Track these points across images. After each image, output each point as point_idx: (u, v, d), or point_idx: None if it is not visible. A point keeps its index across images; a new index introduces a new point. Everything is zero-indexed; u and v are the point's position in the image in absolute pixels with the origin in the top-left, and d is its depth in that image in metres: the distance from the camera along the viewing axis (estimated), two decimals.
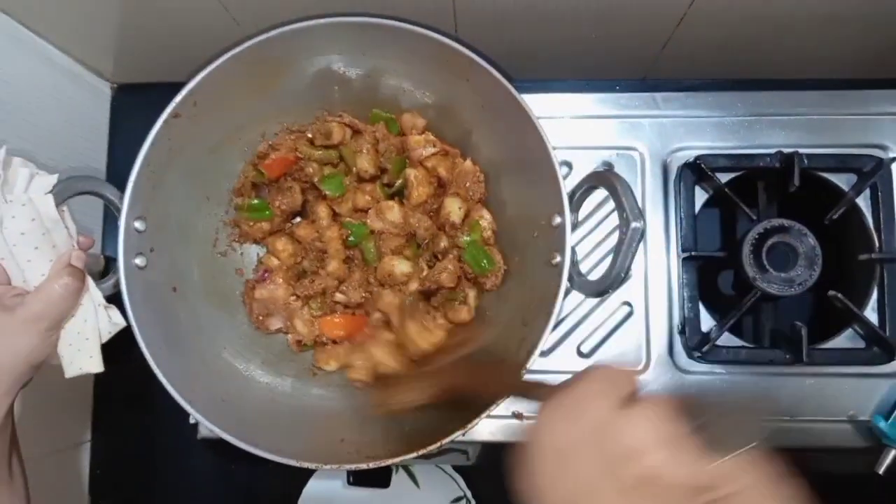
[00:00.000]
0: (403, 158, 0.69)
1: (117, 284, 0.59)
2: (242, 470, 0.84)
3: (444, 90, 0.68)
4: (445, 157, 0.69)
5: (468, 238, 0.67)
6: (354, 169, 0.70)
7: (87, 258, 0.57)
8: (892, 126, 0.73)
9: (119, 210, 0.59)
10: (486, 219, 0.68)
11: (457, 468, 0.83)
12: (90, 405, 0.84)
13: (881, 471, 0.66)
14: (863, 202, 0.72)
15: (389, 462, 0.58)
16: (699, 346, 0.70)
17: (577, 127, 0.75)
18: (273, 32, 0.61)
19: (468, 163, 0.69)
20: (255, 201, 0.70)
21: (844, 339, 0.71)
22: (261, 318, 0.70)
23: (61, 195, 0.56)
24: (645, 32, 0.72)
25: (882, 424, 0.66)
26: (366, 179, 0.71)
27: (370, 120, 0.70)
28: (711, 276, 0.78)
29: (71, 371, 0.57)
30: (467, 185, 0.68)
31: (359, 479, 0.81)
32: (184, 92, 0.60)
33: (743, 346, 0.71)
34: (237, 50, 0.61)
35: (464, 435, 0.58)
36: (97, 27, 0.73)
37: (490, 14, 0.68)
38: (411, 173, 0.68)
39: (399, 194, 0.70)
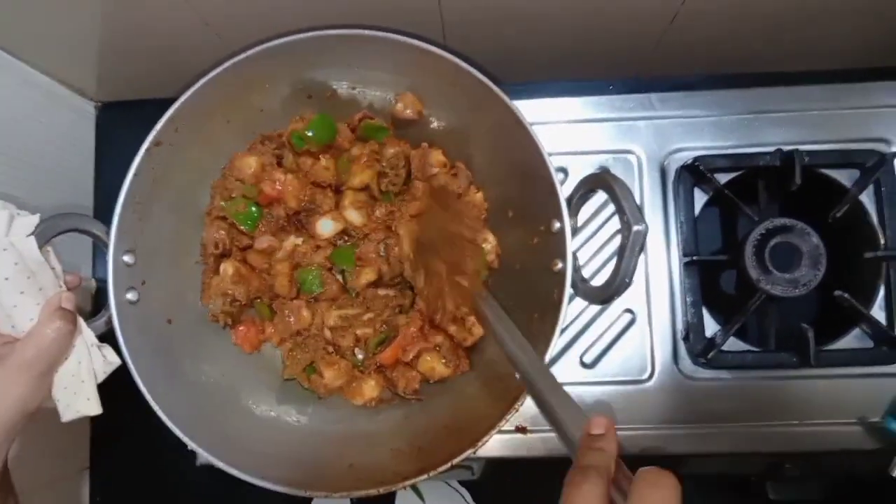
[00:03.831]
0: (408, 167, 0.68)
1: (110, 321, 0.57)
2: (246, 493, 0.82)
3: (433, 98, 0.66)
4: (455, 178, 0.67)
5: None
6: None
7: (77, 298, 0.55)
8: (893, 119, 0.71)
9: (106, 246, 0.57)
10: (490, 242, 0.67)
11: (462, 483, 0.82)
12: (88, 432, 0.83)
13: (895, 473, 0.65)
14: (866, 199, 0.70)
15: (400, 486, 0.57)
16: (704, 352, 0.68)
17: (572, 132, 0.74)
18: (251, 51, 0.59)
19: (479, 195, 0.67)
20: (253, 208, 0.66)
21: (852, 339, 0.70)
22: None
23: (45, 235, 0.55)
24: (636, 32, 0.70)
25: (895, 426, 0.65)
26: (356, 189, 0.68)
27: (362, 133, 0.68)
28: (713, 277, 0.77)
29: (68, 415, 0.55)
30: (469, 217, 0.67)
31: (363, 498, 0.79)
32: (164, 119, 0.59)
33: (749, 351, 0.70)
34: (216, 72, 0.59)
35: (474, 453, 0.57)
36: (77, 47, 0.71)
37: (478, 18, 0.66)
38: (420, 186, 0.66)
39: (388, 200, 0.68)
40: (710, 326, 0.71)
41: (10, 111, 0.70)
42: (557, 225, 0.59)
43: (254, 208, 0.66)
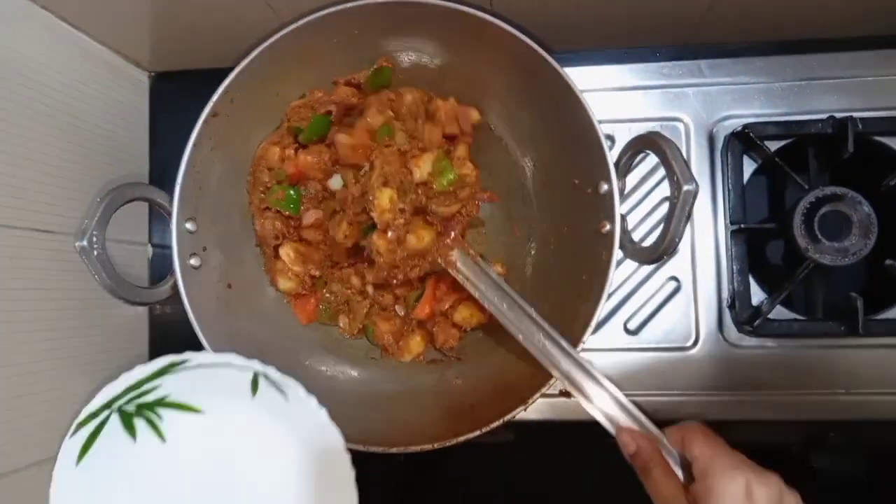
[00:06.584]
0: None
1: (175, 286, 0.59)
2: None
3: (482, 66, 0.66)
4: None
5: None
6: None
7: None
8: None
9: (169, 214, 0.59)
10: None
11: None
12: None
13: None
14: None
15: (454, 441, 0.59)
16: (750, 320, 0.68)
17: (619, 99, 0.73)
18: (302, 21, 0.60)
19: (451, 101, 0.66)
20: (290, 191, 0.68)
21: None
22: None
23: (114, 203, 0.58)
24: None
25: None
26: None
27: (368, 85, 0.67)
28: (759, 246, 0.76)
29: None
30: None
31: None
32: (220, 90, 0.60)
33: (795, 319, 0.70)
34: (269, 42, 0.60)
35: (525, 409, 0.58)
36: (132, 16, 0.73)
37: None
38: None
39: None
40: (756, 295, 0.71)
41: (66, 79, 0.71)
42: (605, 187, 0.59)
43: (291, 191, 0.67)
